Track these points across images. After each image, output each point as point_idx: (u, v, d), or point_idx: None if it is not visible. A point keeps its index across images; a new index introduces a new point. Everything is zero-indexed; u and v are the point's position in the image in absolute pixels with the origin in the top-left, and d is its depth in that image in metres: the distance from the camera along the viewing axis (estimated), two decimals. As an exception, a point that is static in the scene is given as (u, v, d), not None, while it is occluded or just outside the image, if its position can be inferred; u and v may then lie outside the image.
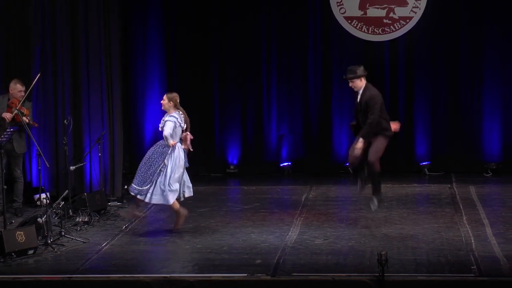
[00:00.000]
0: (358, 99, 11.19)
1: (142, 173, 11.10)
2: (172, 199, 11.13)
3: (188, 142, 11.29)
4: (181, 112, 11.22)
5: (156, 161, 11.07)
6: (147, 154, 11.24)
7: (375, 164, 11.11)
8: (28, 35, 13.20)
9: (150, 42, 15.65)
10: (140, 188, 11.08)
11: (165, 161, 11.06)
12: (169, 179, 11.07)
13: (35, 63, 13.13)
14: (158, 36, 15.65)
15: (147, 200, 11.15)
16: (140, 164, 11.20)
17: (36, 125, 12.61)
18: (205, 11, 15.55)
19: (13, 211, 12.51)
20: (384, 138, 11.17)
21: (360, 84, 11.11)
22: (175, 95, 11.27)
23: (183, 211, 11.33)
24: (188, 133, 11.29)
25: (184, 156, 11.23)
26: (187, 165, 11.31)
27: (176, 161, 11.09)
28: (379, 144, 11.10)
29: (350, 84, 11.19)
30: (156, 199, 11.13)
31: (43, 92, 13.22)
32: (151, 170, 11.05)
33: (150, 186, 11.05)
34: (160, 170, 11.05)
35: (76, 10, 13.18)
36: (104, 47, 13.26)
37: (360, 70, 11.12)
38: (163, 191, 11.07)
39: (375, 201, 11.35)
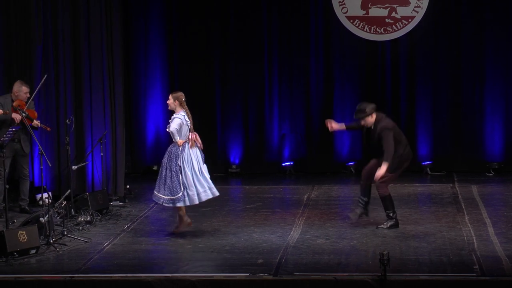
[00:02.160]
0: (371, 131, 11.21)
1: (169, 183, 10.92)
2: (194, 201, 11.02)
3: (198, 139, 11.18)
4: (187, 112, 11.10)
5: (174, 166, 10.93)
6: (163, 163, 11.02)
7: (382, 188, 11.21)
8: (30, 34, 13.20)
9: (152, 41, 15.66)
10: (174, 197, 10.91)
11: (179, 162, 10.95)
12: (186, 180, 10.97)
13: (37, 62, 13.13)
14: (159, 35, 15.66)
15: (183, 204, 10.96)
16: (161, 174, 11.00)
17: (49, 129, 12.67)
18: (206, 10, 15.56)
19: (19, 209, 12.58)
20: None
21: (371, 120, 11.16)
22: (180, 94, 11.10)
23: (187, 220, 11.23)
24: (195, 133, 11.17)
25: (200, 153, 11.14)
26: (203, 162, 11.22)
27: (187, 160, 10.98)
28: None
29: (362, 122, 11.24)
30: (187, 201, 10.98)
31: (45, 92, 13.22)
32: (174, 177, 10.90)
33: (183, 191, 10.92)
34: (179, 172, 10.94)
35: (78, 8, 13.18)
36: (106, 46, 13.25)
37: (370, 108, 11.14)
38: (187, 193, 10.97)
39: (388, 223, 11.37)
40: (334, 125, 11.50)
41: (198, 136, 11.14)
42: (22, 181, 12.67)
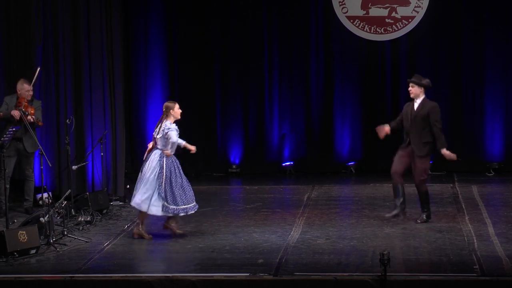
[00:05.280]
0: (415, 108, 11.43)
1: (171, 191, 10.87)
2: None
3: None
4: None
5: (178, 175, 10.95)
6: (165, 171, 10.92)
7: (422, 186, 11.52)
8: (30, 34, 13.20)
9: (152, 41, 15.66)
10: (180, 207, 10.92)
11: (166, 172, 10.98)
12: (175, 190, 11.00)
13: (37, 62, 13.12)
14: (159, 35, 15.66)
15: (184, 213, 11.02)
16: (167, 183, 10.88)
17: (41, 123, 12.60)
18: (206, 10, 15.56)
19: (23, 210, 12.59)
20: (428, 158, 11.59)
21: (417, 91, 11.44)
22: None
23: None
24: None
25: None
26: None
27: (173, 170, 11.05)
28: (423, 166, 11.42)
29: (409, 89, 11.50)
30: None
31: (45, 92, 13.22)
32: (175, 188, 10.89)
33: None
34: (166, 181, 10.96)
35: (78, 8, 13.17)
36: (106, 46, 13.26)
37: (426, 81, 11.50)
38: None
39: (424, 215, 11.60)
40: (386, 130, 11.63)
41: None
42: (26, 182, 12.67)
